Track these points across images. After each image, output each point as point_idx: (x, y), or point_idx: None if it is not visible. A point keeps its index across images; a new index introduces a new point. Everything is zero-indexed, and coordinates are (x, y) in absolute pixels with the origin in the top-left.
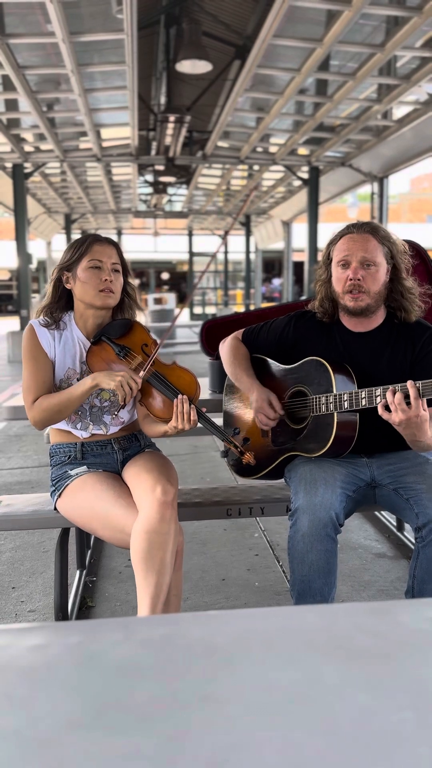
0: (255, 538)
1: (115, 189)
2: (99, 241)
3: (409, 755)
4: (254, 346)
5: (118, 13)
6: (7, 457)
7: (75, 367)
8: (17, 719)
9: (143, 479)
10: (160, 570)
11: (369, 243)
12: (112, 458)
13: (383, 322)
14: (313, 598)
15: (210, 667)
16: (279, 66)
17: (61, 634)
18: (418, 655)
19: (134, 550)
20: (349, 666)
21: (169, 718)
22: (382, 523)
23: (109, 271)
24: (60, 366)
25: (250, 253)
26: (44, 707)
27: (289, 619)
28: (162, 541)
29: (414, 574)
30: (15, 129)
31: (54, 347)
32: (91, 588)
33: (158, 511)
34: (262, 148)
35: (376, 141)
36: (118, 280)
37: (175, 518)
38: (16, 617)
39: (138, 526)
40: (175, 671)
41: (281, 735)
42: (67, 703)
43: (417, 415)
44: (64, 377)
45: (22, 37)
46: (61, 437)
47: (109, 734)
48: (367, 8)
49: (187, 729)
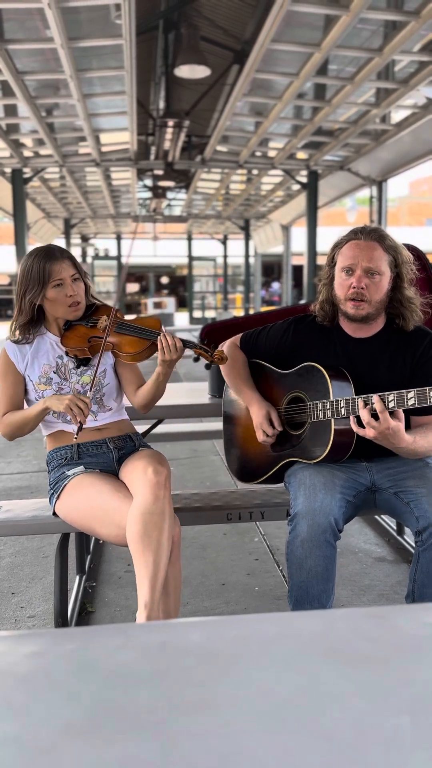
0: (255, 542)
1: (114, 193)
2: (51, 260)
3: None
4: (253, 352)
5: (117, 19)
6: (7, 462)
7: (50, 362)
8: (16, 726)
9: (136, 467)
10: (156, 550)
11: (375, 252)
12: (108, 457)
13: (383, 329)
14: (310, 604)
15: (208, 673)
16: (277, 70)
17: (59, 641)
18: (415, 659)
19: (130, 532)
20: (347, 671)
21: (167, 723)
22: (382, 526)
23: (71, 285)
24: (36, 367)
25: (250, 257)
26: (42, 714)
27: (286, 625)
28: (157, 521)
29: (414, 578)
30: (14, 134)
31: (27, 358)
32: (91, 593)
33: (152, 492)
34: (261, 153)
35: (375, 145)
36: (80, 288)
37: (169, 500)
38: (16, 623)
39: (133, 510)
40: (174, 677)
41: (279, 740)
42: (66, 709)
43: (387, 427)
44: (42, 373)
45: (21, 42)
46: (57, 442)
47: (108, 740)
48: (365, 13)
49: (185, 735)
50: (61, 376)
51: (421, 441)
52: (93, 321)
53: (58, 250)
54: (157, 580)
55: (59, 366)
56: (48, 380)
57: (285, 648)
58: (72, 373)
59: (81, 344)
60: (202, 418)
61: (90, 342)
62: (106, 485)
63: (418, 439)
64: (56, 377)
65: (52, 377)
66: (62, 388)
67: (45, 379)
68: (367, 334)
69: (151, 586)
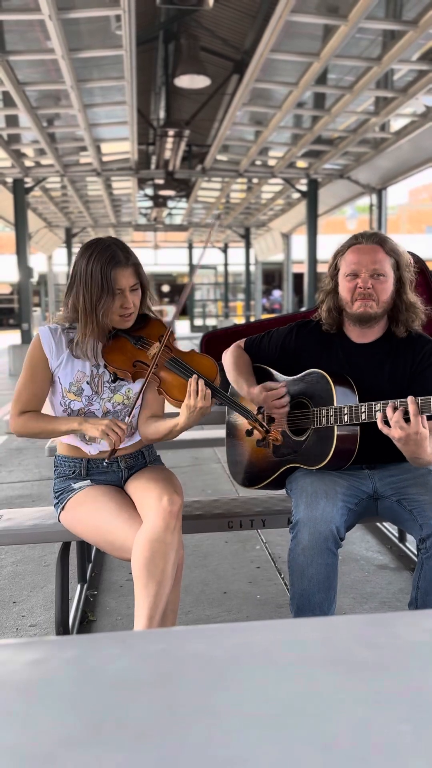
0: (256, 550)
1: (116, 203)
2: (117, 266)
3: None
4: (256, 356)
5: (117, 30)
6: (8, 471)
7: (85, 370)
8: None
9: (149, 490)
10: (161, 580)
11: (378, 254)
12: (117, 476)
13: (385, 334)
14: (312, 612)
15: (208, 681)
16: (277, 80)
17: (59, 649)
18: (416, 667)
19: (136, 558)
20: (348, 679)
21: (167, 732)
22: (384, 534)
23: (128, 296)
24: (69, 370)
25: (250, 265)
26: (43, 722)
27: (287, 633)
28: (165, 551)
29: (418, 585)
30: (15, 144)
31: (62, 357)
32: (92, 602)
33: (164, 520)
34: (261, 161)
35: (374, 153)
36: (137, 298)
37: (179, 530)
38: (17, 632)
39: (142, 535)
40: (174, 686)
41: (280, 749)
42: (66, 717)
43: (417, 431)
44: (74, 380)
45: (22, 53)
46: (68, 450)
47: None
48: (363, 23)
49: (186, 743)
50: (94, 389)
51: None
52: (143, 342)
53: (123, 252)
54: (156, 611)
55: (93, 376)
56: (79, 391)
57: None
58: (105, 387)
59: (125, 366)
60: (204, 426)
61: (135, 367)
62: (111, 503)
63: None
64: (88, 389)
65: (84, 388)
66: (92, 403)
67: (76, 389)
68: (369, 339)
69: (149, 617)
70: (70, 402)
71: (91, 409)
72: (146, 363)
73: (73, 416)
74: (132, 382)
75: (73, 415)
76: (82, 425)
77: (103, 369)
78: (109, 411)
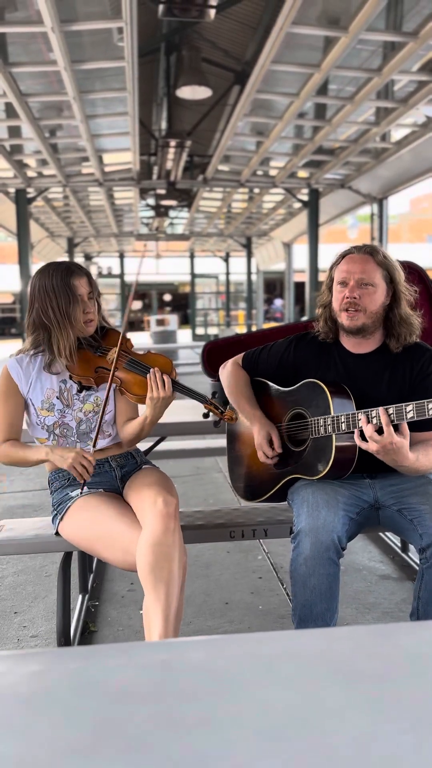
0: (258, 560)
1: (117, 213)
2: (74, 275)
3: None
4: (254, 371)
5: (119, 41)
6: (10, 481)
7: (53, 386)
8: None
9: (144, 494)
10: (168, 581)
11: (367, 264)
12: (110, 476)
13: (382, 344)
14: (314, 623)
15: (210, 692)
16: (278, 91)
17: (60, 660)
18: (418, 677)
19: (141, 565)
20: (350, 689)
21: (169, 744)
22: (387, 544)
23: (87, 302)
24: (38, 390)
25: (252, 274)
26: (44, 733)
27: (289, 643)
28: (168, 552)
29: (419, 595)
30: (18, 155)
31: (30, 380)
32: (94, 612)
33: (162, 523)
34: (262, 172)
35: (375, 163)
36: (94, 306)
37: (178, 530)
38: (19, 642)
39: (143, 541)
40: (176, 697)
41: (282, 759)
42: (67, 728)
43: (390, 442)
44: (45, 397)
45: (25, 65)
46: (55, 465)
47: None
48: (363, 34)
49: (187, 754)
50: (64, 403)
51: (423, 459)
52: (102, 350)
53: (76, 265)
54: (170, 611)
55: (62, 391)
56: (51, 406)
57: (288, 666)
58: (75, 399)
59: (87, 373)
60: (205, 435)
61: (97, 372)
62: (111, 509)
63: (421, 457)
64: (59, 403)
65: (54, 403)
66: (65, 415)
67: (48, 405)
68: (366, 349)
69: (165, 618)
70: (45, 418)
71: (64, 421)
72: (107, 368)
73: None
74: (97, 388)
75: (48, 429)
76: (49, 455)
77: (70, 382)
78: (82, 420)
